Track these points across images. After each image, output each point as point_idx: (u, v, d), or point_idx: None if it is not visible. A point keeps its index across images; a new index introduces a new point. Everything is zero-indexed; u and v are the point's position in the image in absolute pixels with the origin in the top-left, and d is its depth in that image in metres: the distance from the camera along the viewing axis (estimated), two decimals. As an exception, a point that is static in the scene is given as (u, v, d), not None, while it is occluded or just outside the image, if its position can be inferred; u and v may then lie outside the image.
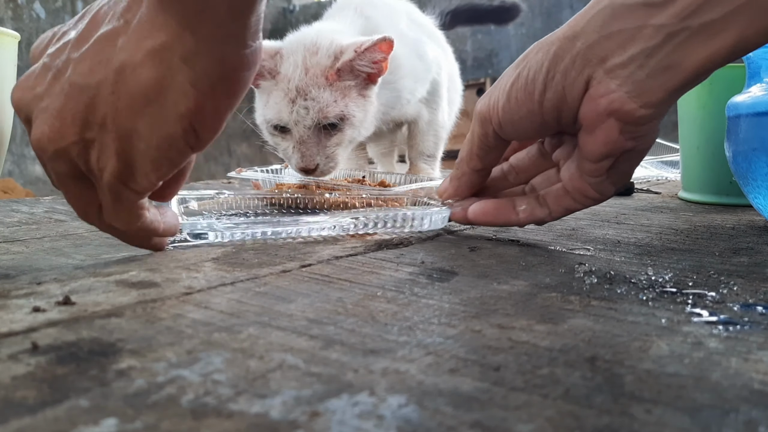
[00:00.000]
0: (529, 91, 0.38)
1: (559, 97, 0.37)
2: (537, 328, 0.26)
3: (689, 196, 0.71)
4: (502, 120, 0.40)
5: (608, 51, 0.35)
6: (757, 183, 0.49)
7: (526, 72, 0.38)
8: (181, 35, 0.32)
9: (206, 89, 0.33)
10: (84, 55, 0.33)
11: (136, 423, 0.18)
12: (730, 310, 0.29)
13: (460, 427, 0.18)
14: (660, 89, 0.34)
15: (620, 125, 0.36)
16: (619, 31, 0.34)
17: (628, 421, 0.18)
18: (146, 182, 0.35)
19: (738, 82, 0.57)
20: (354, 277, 0.35)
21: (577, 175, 0.40)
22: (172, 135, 0.33)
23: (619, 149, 0.37)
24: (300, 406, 0.19)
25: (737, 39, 0.32)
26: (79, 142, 0.33)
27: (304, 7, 4.09)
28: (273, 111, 0.67)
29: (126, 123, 0.33)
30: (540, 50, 0.37)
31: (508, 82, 0.39)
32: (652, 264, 0.38)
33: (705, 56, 0.33)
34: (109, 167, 0.34)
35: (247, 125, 0.72)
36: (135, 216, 0.37)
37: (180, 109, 0.33)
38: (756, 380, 0.21)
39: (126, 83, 0.32)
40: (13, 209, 0.68)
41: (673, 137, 0.90)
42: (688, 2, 0.32)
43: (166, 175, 0.35)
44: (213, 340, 0.25)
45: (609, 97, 0.35)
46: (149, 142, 0.33)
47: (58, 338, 0.25)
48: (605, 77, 0.35)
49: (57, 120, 0.33)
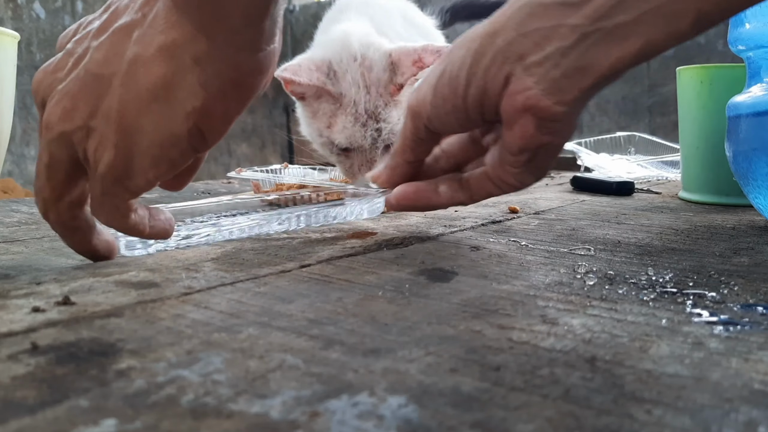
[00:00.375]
0: (453, 87, 0.38)
1: (482, 93, 0.38)
2: (537, 328, 0.26)
3: (689, 196, 0.71)
4: (431, 115, 0.40)
5: (526, 49, 0.36)
6: (758, 183, 0.49)
7: (450, 68, 0.38)
8: (195, 36, 0.32)
9: (216, 91, 0.33)
10: (101, 45, 0.34)
11: (135, 423, 0.18)
12: (731, 310, 0.29)
13: (460, 427, 0.18)
14: (574, 88, 0.35)
15: (536, 121, 0.36)
16: (536, 29, 0.35)
17: (628, 421, 0.18)
18: (142, 180, 0.34)
19: (738, 82, 0.57)
20: (354, 277, 0.35)
21: (499, 164, 0.41)
22: (177, 134, 0.33)
23: (535, 143, 0.38)
24: (300, 406, 0.19)
25: (646, 42, 0.33)
26: (83, 127, 0.33)
27: (304, 7, 4.08)
28: (344, 136, 0.65)
29: (130, 117, 0.32)
30: (462, 46, 0.38)
31: (434, 78, 0.40)
32: (652, 264, 0.38)
33: (616, 58, 0.34)
34: (105, 159, 0.33)
35: (247, 125, 0.72)
36: (120, 213, 0.36)
37: (187, 108, 0.33)
38: (756, 380, 0.21)
39: (135, 77, 0.32)
40: (13, 209, 0.68)
41: (673, 137, 0.90)
42: (602, 3, 0.33)
43: (163, 176, 0.35)
44: (213, 340, 0.25)
45: (525, 94, 0.36)
46: (152, 139, 0.33)
47: (57, 338, 0.25)
48: (523, 74, 0.36)
49: (70, 103, 0.33)
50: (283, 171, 0.76)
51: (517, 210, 0.62)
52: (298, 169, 0.81)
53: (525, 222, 0.55)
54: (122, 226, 0.37)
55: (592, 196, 0.76)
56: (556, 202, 0.69)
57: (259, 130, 4.05)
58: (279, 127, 3.71)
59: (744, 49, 0.51)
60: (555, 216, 0.59)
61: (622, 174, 0.91)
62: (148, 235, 0.39)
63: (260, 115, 4.12)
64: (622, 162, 1.00)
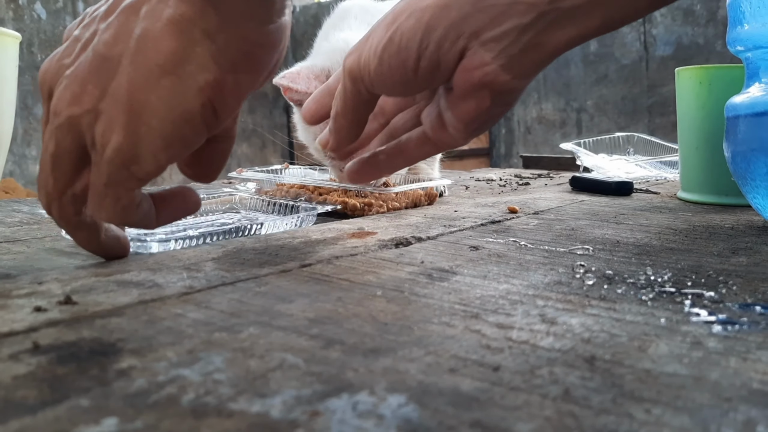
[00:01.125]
0: (402, 58, 0.38)
1: (434, 66, 0.37)
2: (536, 328, 0.26)
3: (688, 196, 0.71)
4: (375, 81, 0.40)
5: (482, 24, 0.36)
6: (756, 183, 0.49)
7: (398, 38, 0.38)
8: (204, 9, 0.31)
9: (227, 64, 0.32)
10: (109, 25, 0.33)
11: (136, 422, 0.18)
12: (729, 309, 0.29)
13: (460, 426, 0.18)
14: (531, 63, 0.36)
15: (493, 95, 0.37)
16: (492, 5, 0.35)
17: (627, 420, 0.18)
18: (152, 164, 0.33)
19: (737, 83, 0.57)
20: (354, 277, 0.35)
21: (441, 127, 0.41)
22: (189, 110, 0.32)
23: (489, 114, 0.39)
24: (300, 406, 0.19)
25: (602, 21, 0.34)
26: (92, 111, 0.32)
27: (304, 7, 4.08)
28: None
29: (140, 95, 0.31)
30: (411, 15, 0.37)
31: (379, 45, 0.39)
32: (651, 264, 0.38)
33: (572, 35, 0.35)
34: (113, 142, 0.32)
35: (247, 125, 0.73)
36: (122, 205, 0.34)
37: (199, 82, 0.32)
38: (755, 380, 0.21)
39: (145, 53, 0.31)
40: (15, 209, 0.68)
41: (672, 137, 0.90)
42: None
43: (174, 157, 0.33)
44: (213, 340, 0.25)
45: (483, 70, 0.36)
46: (164, 116, 0.32)
47: (58, 338, 0.25)
48: (480, 49, 0.36)
49: (79, 86, 0.33)
50: (284, 171, 0.77)
51: (516, 210, 0.62)
52: (298, 169, 0.81)
53: (524, 222, 0.55)
54: (124, 219, 0.35)
55: (591, 196, 0.76)
56: (555, 202, 0.70)
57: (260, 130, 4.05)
58: (279, 127, 3.71)
59: (742, 49, 0.51)
60: (554, 216, 0.59)
61: (621, 174, 0.91)
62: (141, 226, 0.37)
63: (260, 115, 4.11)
64: (620, 162, 1.00)
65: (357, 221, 0.56)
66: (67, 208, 0.35)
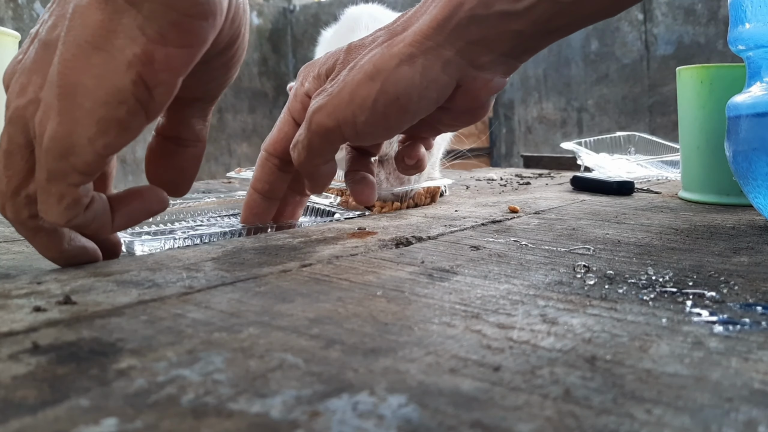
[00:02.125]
0: (402, 104, 0.38)
1: (432, 103, 0.39)
2: (537, 328, 0.26)
3: (689, 195, 0.71)
4: (361, 133, 0.40)
5: (476, 54, 0.38)
6: (758, 183, 0.49)
7: (394, 88, 0.38)
8: None
9: (155, 35, 0.30)
10: (52, 12, 0.33)
11: (136, 422, 0.18)
12: (731, 309, 0.29)
13: (460, 426, 0.18)
14: (520, 63, 0.41)
15: (494, 97, 0.42)
16: (483, 38, 0.38)
17: (628, 420, 0.18)
18: (90, 153, 0.30)
19: (738, 82, 0.57)
20: (354, 276, 0.35)
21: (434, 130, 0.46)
22: (121, 88, 0.30)
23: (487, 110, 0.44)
24: (300, 406, 0.19)
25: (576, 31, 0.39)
26: (35, 101, 0.31)
27: (304, 7, 4.08)
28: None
29: (71, 76, 0.30)
30: (402, 62, 0.38)
31: (368, 98, 0.38)
32: (652, 264, 0.38)
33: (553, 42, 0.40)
34: (49, 130, 0.30)
35: (247, 125, 0.73)
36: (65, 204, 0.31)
37: (127, 55, 0.30)
38: (756, 380, 0.21)
39: (75, 30, 0.30)
40: (14, 209, 0.68)
41: (673, 137, 0.90)
42: (540, 14, 0.36)
43: (112, 145, 0.31)
44: (213, 340, 0.25)
45: (488, 86, 0.40)
46: (96, 97, 0.30)
47: (58, 338, 0.25)
48: (479, 74, 0.39)
49: (26, 77, 0.32)
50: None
51: (517, 210, 0.62)
52: None
53: (525, 221, 0.55)
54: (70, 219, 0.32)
55: (592, 195, 0.76)
56: (556, 202, 0.70)
57: (260, 129, 4.05)
58: (279, 126, 3.70)
59: (744, 48, 0.51)
60: (555, 215, 0.59)
61: (622, 174, 0.91)
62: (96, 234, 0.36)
63: (260, 115, 4.12)
64: (622, 162, 1.00)
65: (357, 221, 0.56)
66: (21, 211, 0.33)
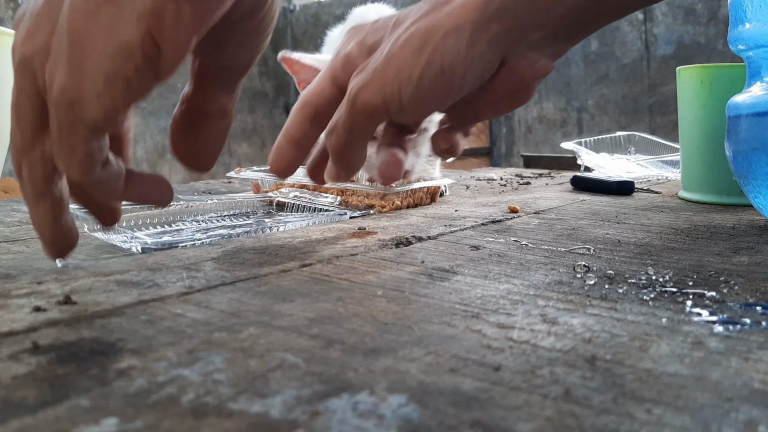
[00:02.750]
0: (447, 77, 0.37)
1: (477, 79, 0.39)
2: (537, 327, 0.26)
3: (689, 195, 0.71)
4: (406, 108, 0.39)
5: (524, 31, 0.37)
6: (758, 182, 0.49)
7: (440, 60, 0.37)
8: None
9: None
10: None
11: (136, 422, 0.18)
12: (731, 309, 0.29)
13: (460, 426, 0.18)
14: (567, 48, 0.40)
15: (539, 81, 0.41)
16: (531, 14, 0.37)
17: (628, 420, 0.18)
18: (97, 106, 0.29)
19: (738, 82, 0.57)
20: (354, 276, 0.35)
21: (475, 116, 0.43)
22: (129, 42, 0.29)
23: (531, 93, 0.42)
24: (300, 406, 0.19)
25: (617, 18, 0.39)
26: (44, 49, 0.30)
27: (304, 7, 4.09)
28: None
29: (80, 26, 0.29)
30: (448, 35, 0.37)
31: (413, 72, 0.37)
32: (652, 263, 0.38)
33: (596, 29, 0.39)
34: (57, 80, 0.29)
35: (247, 125, 0.72)
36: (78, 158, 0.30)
37: (138, 8, 0.29)
38: (756, 379, 0.21)
39: None
40: (14, 209, 0.68)
41: (673, 137, 0.90)
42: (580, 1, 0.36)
43: (119, 102, 0.30)
44: (213, 340, 0.25)
45: (534, 67, 0.39)
46: (103, 50, 0.29)
47: (58, 338, 0.25)
48: (527, 52, 0.38)
49: (33, 23, 0.30)
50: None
51: (517, 209, 0.62)
52: (299, 169, 0.81)
53: (525, 221, 0.55)
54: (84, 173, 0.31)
55: (592, 195, 0.76)
56: (556, 202, 0.70)
57: (260, 129, 4.05)
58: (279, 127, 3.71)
59: (744, 48, 0.51)
60: (555, 215, 0.59)
61: (622, 173, 0.91)
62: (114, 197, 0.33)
63: (260, 115, 4.12)
64: (622, 161, 1.00)
65: (357, 221, 0.56)
66: (35, 168, 0.32)
